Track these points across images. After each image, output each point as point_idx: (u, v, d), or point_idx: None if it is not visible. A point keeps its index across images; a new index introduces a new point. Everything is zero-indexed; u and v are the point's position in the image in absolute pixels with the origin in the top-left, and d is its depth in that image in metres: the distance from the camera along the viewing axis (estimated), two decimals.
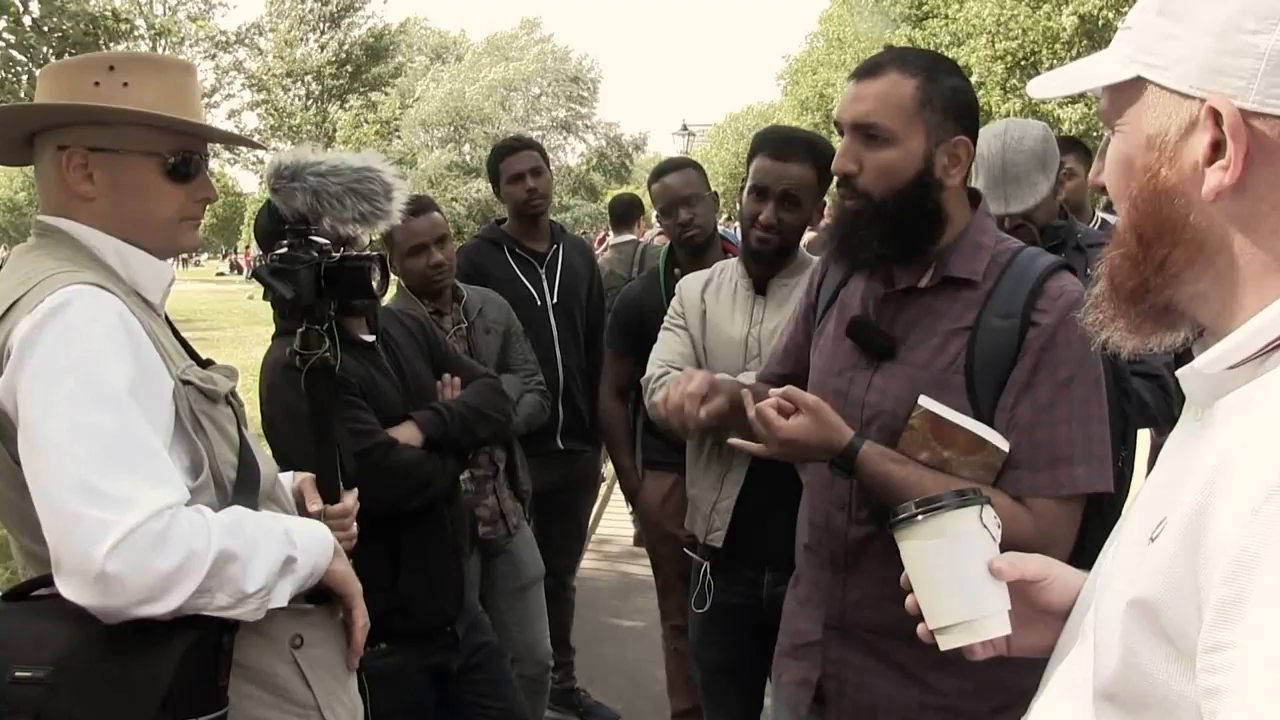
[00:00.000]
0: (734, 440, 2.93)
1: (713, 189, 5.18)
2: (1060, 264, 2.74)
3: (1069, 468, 2.59)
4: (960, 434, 2.62)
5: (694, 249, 4.89)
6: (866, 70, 2.76)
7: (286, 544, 2.33)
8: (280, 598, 2.32)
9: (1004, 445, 2.61)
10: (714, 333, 4.05)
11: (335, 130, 55.01)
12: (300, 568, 2.37)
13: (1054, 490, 2.60)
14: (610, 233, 10.14)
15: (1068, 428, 2.60)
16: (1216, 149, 1.29)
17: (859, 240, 2.78)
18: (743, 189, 3.99)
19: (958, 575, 1.81)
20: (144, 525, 2.05)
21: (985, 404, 2.66)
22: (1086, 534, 2.68)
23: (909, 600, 1.89)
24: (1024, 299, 2.65)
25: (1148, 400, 3.83)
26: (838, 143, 2.83)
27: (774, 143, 3.88)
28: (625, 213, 9.38)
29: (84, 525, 2.04)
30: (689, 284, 4.24)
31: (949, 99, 2.70)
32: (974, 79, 38.51)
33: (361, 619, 2.64)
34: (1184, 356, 1.43)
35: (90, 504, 2.05)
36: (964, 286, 2.74)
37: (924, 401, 2.66)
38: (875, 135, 2.70)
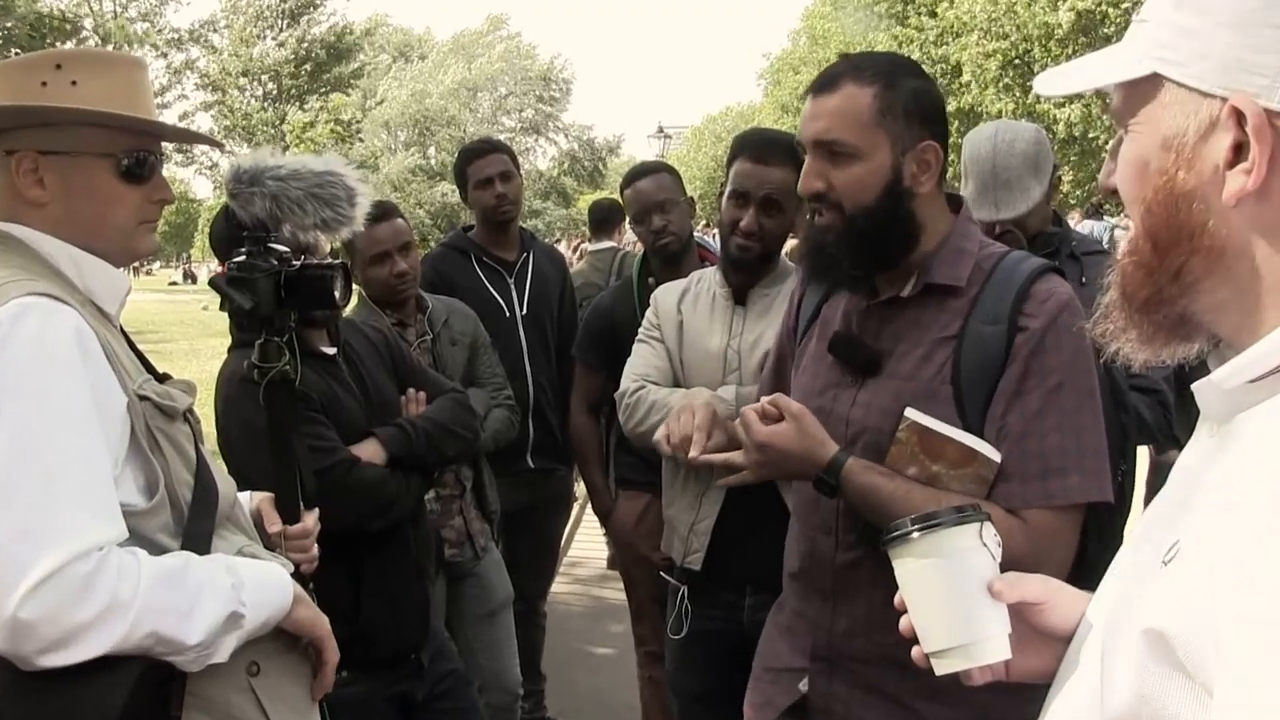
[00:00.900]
0: (709, 455, 2.94)
1: (689, 194, 5.17)
2: (1047, 266, 2.74)
3: (1061, 477, 2.59)
4: (949, 446, 2.63)
5: (669, 257, 4.87)
6: (821, 85, 2.78)
7: (233, 599, 2.31)
8: (222, 654, 2.31)
9: (995, 456, 2.61)
10: (691, 345, 4.04)
11: (307, 130, 54.87)
12: (248, 623, 2.35)
13: (1047, 501, 2.59)
14: (588, 239, 10.14)
15: (1059, 436, 2.60)
16: (1239, 151, 1.26)
17: (830, 259, 2.80)
18: (722, 194, 3.98)
19: (955, 596, 1.78)
20: (68, 568, 2.04)
21: (974, 414, 2.67)
22: (1084, 551, 2.69)
23: (903, 622, 1.87)
24: (1010, 303, 2.65)
25: (1146, 416, 3.82)
26: None
27: (755, 145, 3.87)
28: (605, 218, 9.38)
29: (3, 564, 2.03)
30: (665, 294, 4.22)
31: (910, 103, 2.71)
32: (965, 78, 38.67)
33: (332, 657, 2.63)
34: (1183, 371, 1.42)
35: (15, 539, 2.04)
36: (948, 294, 2.75)
37: (911, 414, 2.66)
38: (838, 152, 2.71)
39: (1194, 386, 1.38)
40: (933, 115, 2.76)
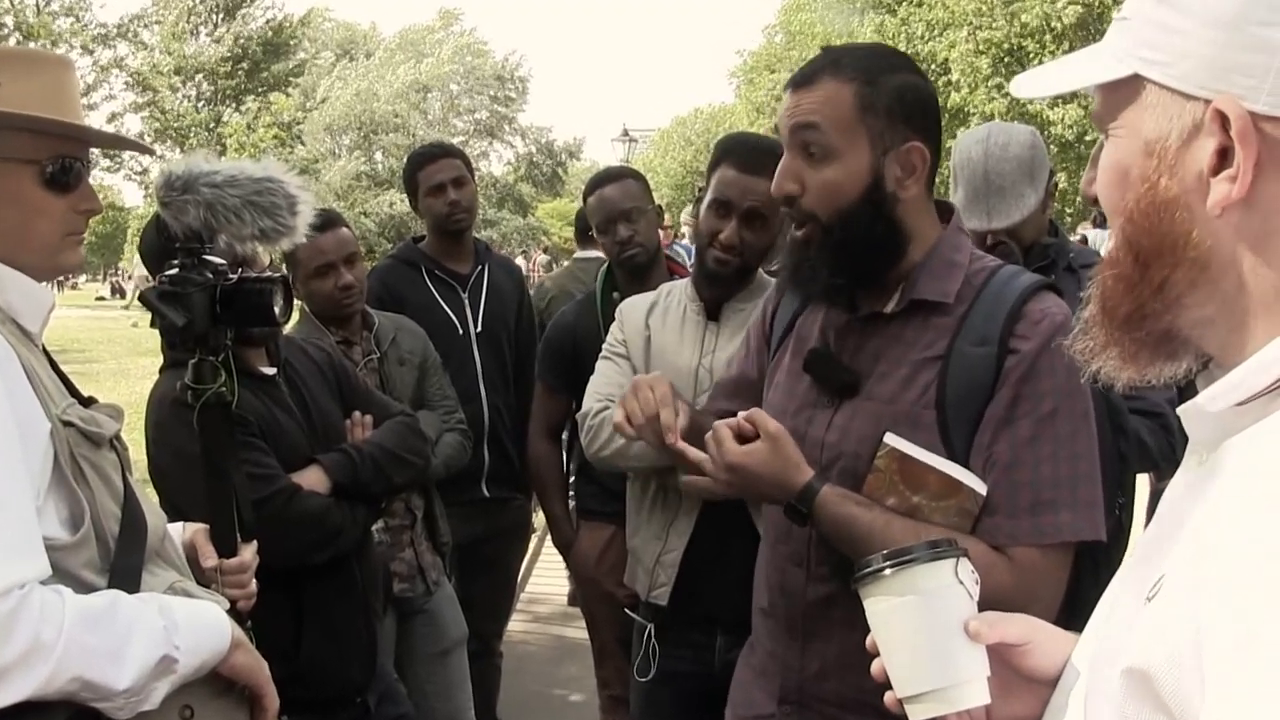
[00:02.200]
0: (686, 478, 2.93)
1: (657, 202, 5.17)
2: (1042, 283, 2.72)
3: (1053, 513, 2.55)
4: (931, 475, 2.59)
5: (635, 269, 4.86)
6: (800, 79, 2.75)
7: (166, 641, 2.30)
8: (153, 700, 2.29)
9: (981, 488, 2.58)
10: (660, 363, 4.00)
11: (246, 133, 54.67)
12: (182, 667, 2.34)
13: (1036, 538, 2.56)
14: (540, 252, 10.11)
15: (1051, 467, 2.56)
16: (1223, 156, 1.26)
17: (809, 270, 2.78)
18: (699, 200, 3.97)
19: (930, 637, 1.76)
20: None
21: (959, 442, 2.63)
22: (1078, 591, 2.68)
23: (875, 665, 1.84)
24: (1001, 323, 2.62)
25: (1148, 441, 3.79)
26: None
27: (742, 152, 3.83)
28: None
29: None
30: (631, 307, 4.21)
31: (894, 99, 2.68)
32: (954, 75, 38.77)
33: (272, 704, 2.63)
34: (1188, 390, 1.41)
35: None
36: (935, 311, 2.72)
37: (891, 440, 2.63)
38: (814, 151, 2.70)
39: (1180, 411, 1.38)
40: (920, 113, 2.72)
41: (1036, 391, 2.58)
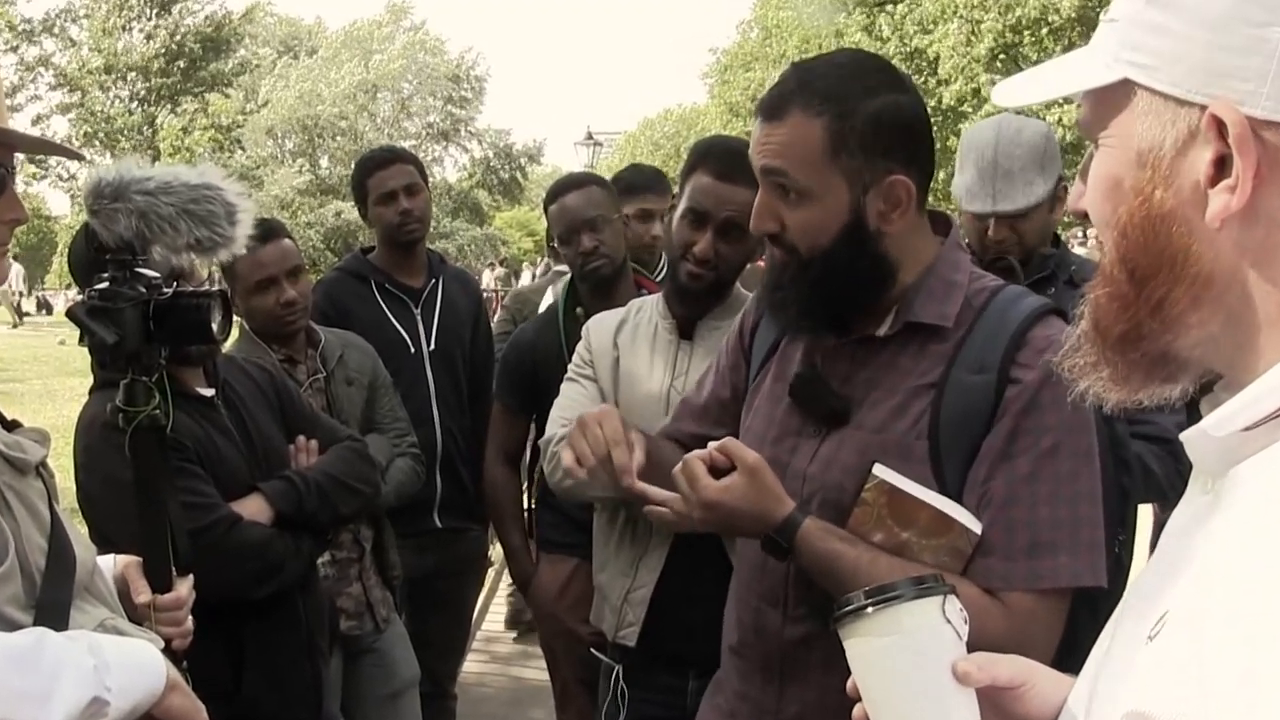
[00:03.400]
0: (651, 508, 2.84)
1: (622, 211, 5.16)
2: (1048, 308, 2.67)
3: (1051, 556, 2.52)
4: (923, 511, 2.56)
5: (600, 283, 4.80)
6: (769, 109, 2.71)
7: (96, 683, 2.27)
8: None
9: (975, 526, 2.55)
10: (629, 384, 4.00)
11: (182, 137, 54.57)
12: (114, 710, 2.31)
13: (1032, 582, 2.53)
14: (497, 264, 10.09)
15: (1051, 508, 2.53)
16: (1221, 165, 1.23)
17: (781, 299, 2.79)
18: (672, 209, 3.95)
19: (916, 680, 1.73)
20: None
21: (952, 476, 2.60)
22: (1074, 632, 2.62)
23: (857, 711, 1.81)
24: (1002, 349, 2.59)
25: (1154, 470, 3.78)
26: None
27: (720, 158, 3.78)
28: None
29: None
30: (599, 325, 4.17)
31: (871, 132, 2.61)
32: (944, 72, 38.90)
33: None
34: (1194, 416, 1.38)
35: None
36: (932, 335, 2.69)
37: (880, 471, 2.59)
38: (788, 190, 2.67)
39: (1183, 436, 1.35)
40: (902, 140, 2.66)
41: (1038, 425, 2.55)
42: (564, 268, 8.07)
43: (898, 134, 2.66)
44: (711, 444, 2.72)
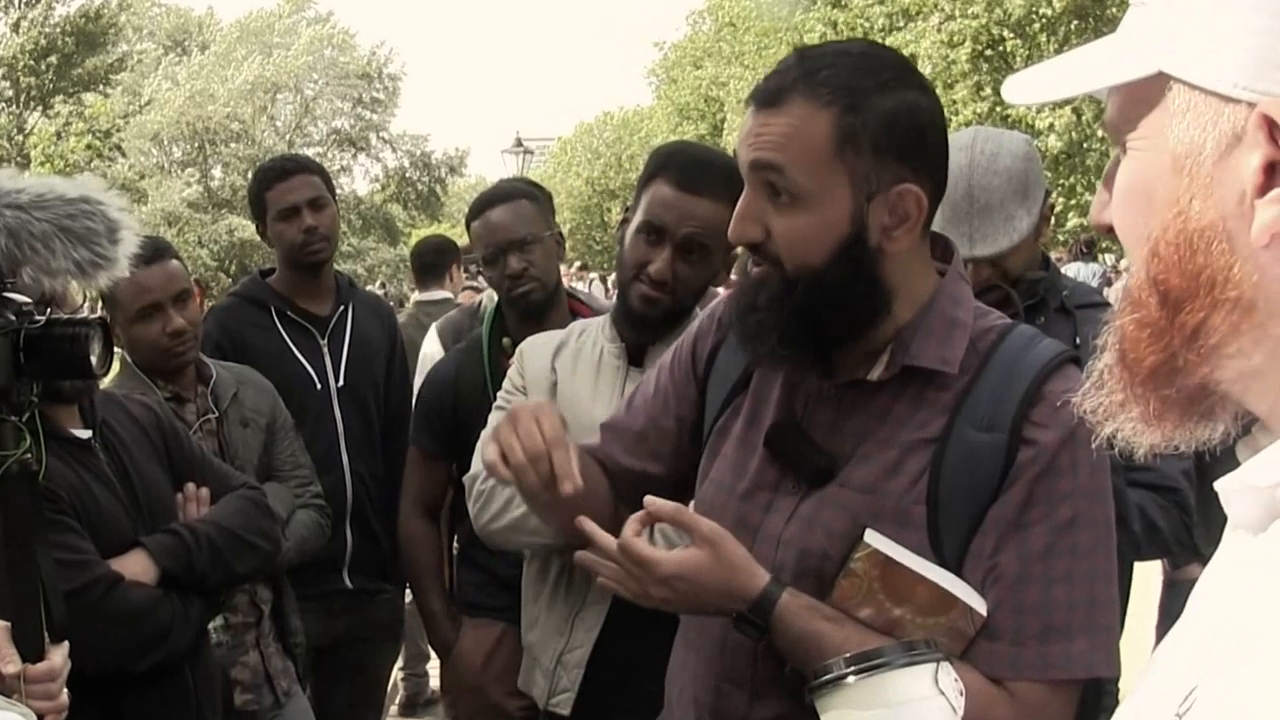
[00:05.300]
0: (603, 580, 2.71)
1: (557, 227, 5.14)
2: (1065, 356, 2.58)
3: (1065, 642, 2.46)
4: (921, 586, 2.47)
5: (529, 310, 4.74)
6: (766, 96, 2.58)
7: None
8: None
9: (980, 606, 2.47)
10: (567, 414, 3.72)
11: (55, 143, 54.28)
12: None
13: (1043, 672, 2.46)
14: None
15: (1066, 588, 2.46)
16: (1271, 173, 1.16)
17: (755, 325, 2.66)
18: (625, 222, 3.89)
19: None
20: None
21: (951, 545, 2.53)
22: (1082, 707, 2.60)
23: None
24: (1015, 405, 2.51)
25: (1158, 524, 3.72)
26: None
27: (682, 166, 3.73)
28: (435, 260, 9.36)
29: None
30: (534, 347, 4.10)
31: (884, 129, 2.51)
32: (924, 71, 39.07)
33: None
34: (1203, 462, 1.35)
35: None
36: (932, 381, 2.60)
37: (872, 539, 2.49)
38: (781, 190, 2.54)
39: (1218, 485, 1.28)
40: (917, 144, 2.56)
41: (1055, 493, 2.48)
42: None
43: (913, 135, 2.56)
44: (646, 501, 2.62)
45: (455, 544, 5.36)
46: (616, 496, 2.99)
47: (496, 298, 5.02)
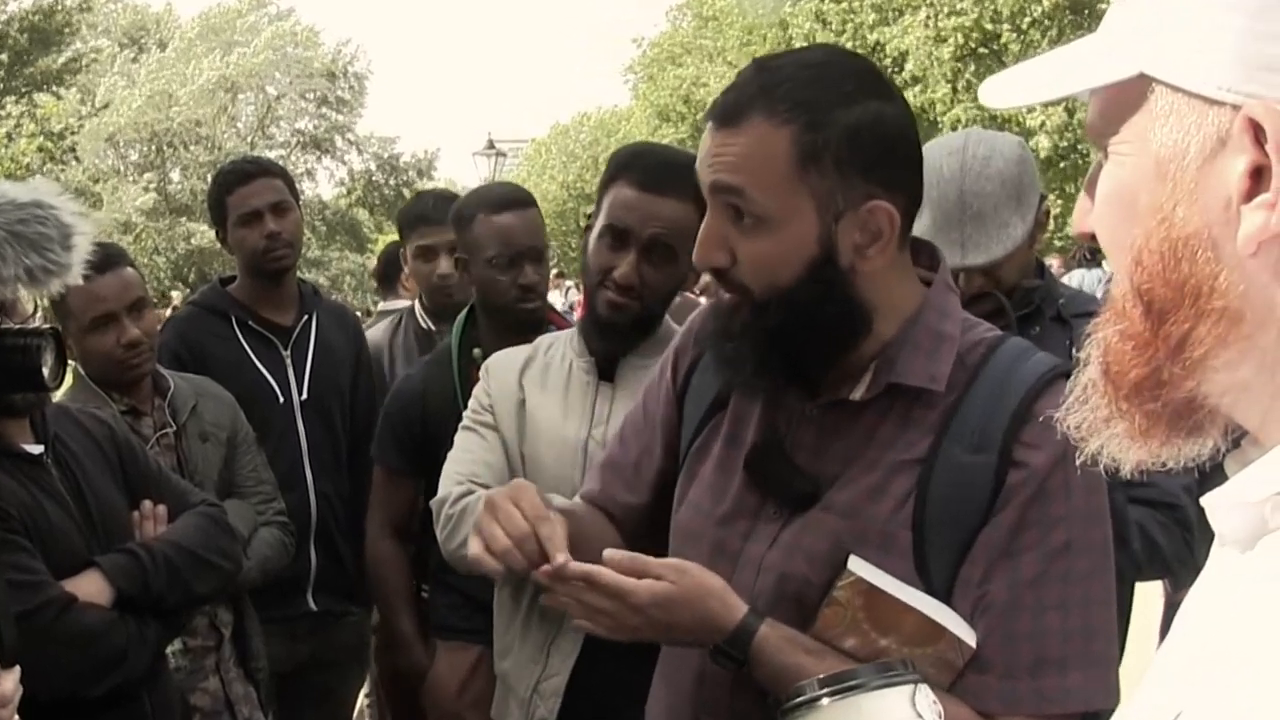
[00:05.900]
0: (579, 622, 2.67)
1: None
2: (1059, 370, 2.52)
3: (1060, 674, 2.42)
4: (907, 616, 2.44)
5: (532, 324, 4.62)
6: (725, 114, 2.55)
7: None
8: None
9: (969, 637, 2.44)
10: (537, 434, 3.90)
11: (12, 144, 54.19)
12: None
13: (1037, 706, 2.44)
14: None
15: (1060, 616, 2.44)
16: (1257, 177, 1.16)
17: (731, 352, 2.67)
18: (588, 229, 3.86)
19: None
20: None
21: (938, 571, 2.50)
22: None
23: None
24: (1005, 424, 2.48)
25: (1159, 542, 3.68)
26: None
27: (644, 167, 3.72)
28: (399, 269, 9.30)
29: None
30: (500, 364, 4.08)
31: (847, 144, 2.47)
32: (909, 72, 39.11)
33: None
34: (1207, 478, 1.35)
35: None
36: (917, 400, 2.57)
37: (856, 566, 2.46)
38: (743, 214, 2.52)
39: (1204, 501, 1.30)
40: (885, 158, 2.52)
41: (1047, 517, 2.45)
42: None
43: (881, 149, 2.52)
44: (606, 554, 2.57)
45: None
46: (628, 537, 2.95)
47: (466, 307, 4.92)
